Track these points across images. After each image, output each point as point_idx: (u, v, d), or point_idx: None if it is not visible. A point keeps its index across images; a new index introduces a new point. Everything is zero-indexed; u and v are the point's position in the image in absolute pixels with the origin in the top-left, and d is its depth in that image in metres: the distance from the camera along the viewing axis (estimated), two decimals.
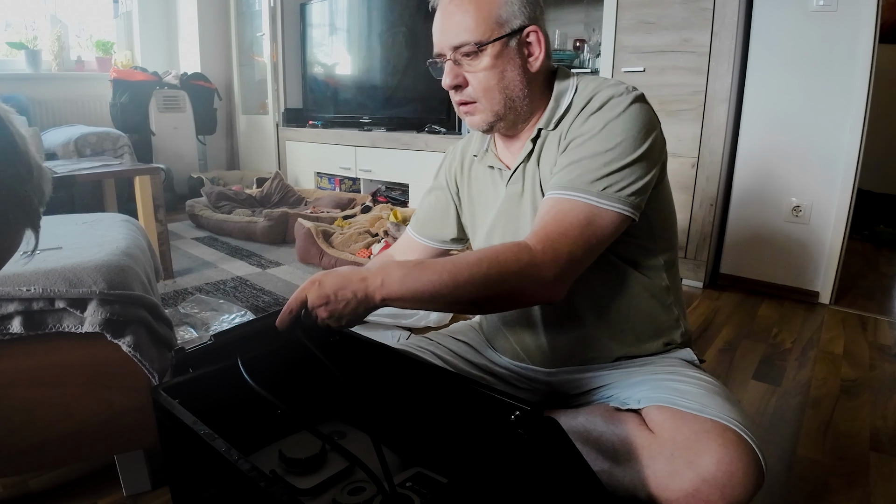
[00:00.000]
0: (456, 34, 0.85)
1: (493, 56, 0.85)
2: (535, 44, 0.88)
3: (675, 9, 2.21)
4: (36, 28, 3.87)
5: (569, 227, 0.78)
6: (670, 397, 0.81)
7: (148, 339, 1.00)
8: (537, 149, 0.91)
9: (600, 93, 0.86)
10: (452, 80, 0.88)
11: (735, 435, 0.73)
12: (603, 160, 0.80)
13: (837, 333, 1.92)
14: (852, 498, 1.10)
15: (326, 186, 3.89)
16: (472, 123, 0.92)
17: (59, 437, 0.96)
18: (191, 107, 3.97)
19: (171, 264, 2.38)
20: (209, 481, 0.68)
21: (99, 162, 2.51)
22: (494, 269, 0.75)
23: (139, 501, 1.05)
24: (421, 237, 1.15)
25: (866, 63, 1.95)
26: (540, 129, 0.90)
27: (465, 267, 0.75)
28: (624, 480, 0.78)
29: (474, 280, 0.74)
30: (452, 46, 0.86)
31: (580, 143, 0.83)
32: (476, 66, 0.86)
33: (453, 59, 0.87)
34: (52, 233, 1.22)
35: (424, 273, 0.75)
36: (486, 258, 0.76)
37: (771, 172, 2.23)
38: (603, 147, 0.81)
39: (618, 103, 0.83)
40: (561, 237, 0.77)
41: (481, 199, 1.03)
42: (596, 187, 0.79)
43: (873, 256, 3.00)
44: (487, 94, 0.87)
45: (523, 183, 0.93)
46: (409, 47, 3.28)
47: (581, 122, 0.85)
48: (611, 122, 0.82)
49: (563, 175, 0.82)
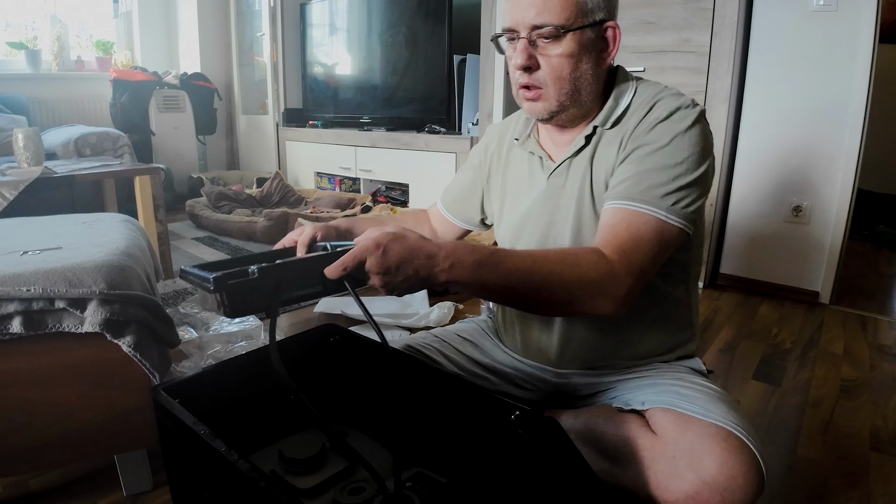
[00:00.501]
0: (539, 13, 0.81)
1: (572, 43, 0.82)
2: (611, 40, 0.86)
3: (675, 9, 2.21)
4: (36, 28, 3.87)
5: (641, 240, 0.77)
6: (675, 401, 0.81)
7: (148, 339, 1.00)
8: (591, 146, 0.90)
9: (664, 100, 0.85)
10: (526, 60, 0.83)
11: (738, 440, 0.73)
12: (672, 174, 0.80)
13: (837, 333, 1.92)
14: (852, 498, 1.10)
15: (326, 186, 3.89)
16: (533, 110, 0.88)
17: (59, 437, 0.96)
18: (191, 107, 3.97)
19: (171, 264, 2.38)
20: (209, 481, 0.68)
21: (99, 162, 2.51)
22: (573, 273, 0.72)
23: (139, 501, 1.05)
24: (449, 213, 1.13)
25: (866, 63, 1.95)
26: (596, 126, 0.89)
27: (544, 265, 0.72)
28: (624, 481, 0.78)
29: (550, 281, 0.72)
30: (532, 25, 0.82)
31: (647, 154, 0.82)
32: (553, 50, 0.83)
33: (528, 39, 0.83)
34: (52, 233, 1.22)
35: (500, 266, 0.71)
36: (565, 260, 0.73)
37: (771, 172, 2.23)
38: (672, 160, 0.80)
39: (684, 116, 0.82)
40: (635, 251, 0.76)
41: (514, 184, 1.01)
42: (666, 202, 0.79)
43: (873, 256, 3.00)
44: (558, 81, 0.84)
45: (567, 178, 0.92)
46: (409, 47, 3.27)
47: (646, 129, 0.84)
48: (678, 136, 0.81)
49: (631, 185, 0.81)
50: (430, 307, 1.95)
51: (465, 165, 1.13)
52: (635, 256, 0.76)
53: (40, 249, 1.05)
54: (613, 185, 0.84)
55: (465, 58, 3.05)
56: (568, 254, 0.75)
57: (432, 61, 3.15)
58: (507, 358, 1.04)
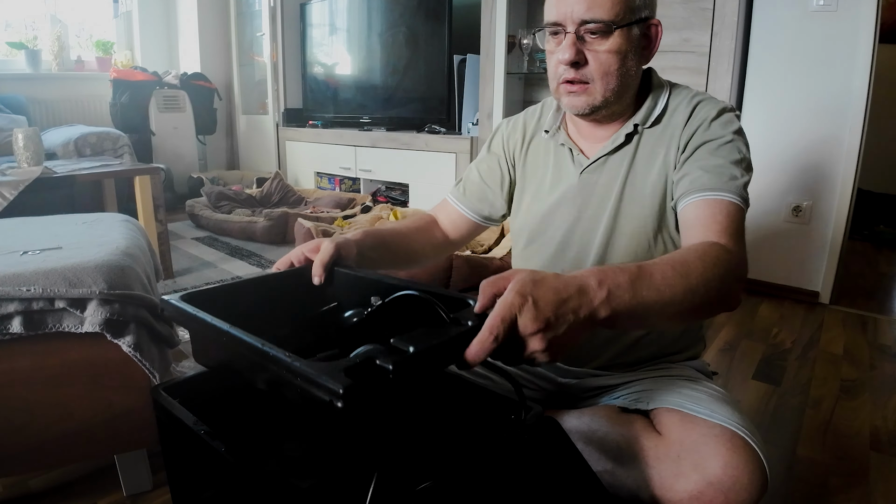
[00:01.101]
0: (588, 8, 0.80)
1: (620, 40, 0.82)
2: (654, 38, 0.87)
3: (675, 9, 2.21)
4: (36, 28, 3.87)
5: (739, 224, 0.79)
6: (680, 401, 0.81)
7: (148, 339, 1.00)
8: (632, 145, 0.90)
9: (705, 102, 0.88)
10: (574, 55, 0.82)
11: (742, 441, 0.73)
12: (740, 169, 0.83)
13: (837, 333, 1.92)
14: (852, 498, 1.10)
15: (326, 186, 3.89)
16: (574, 104, 0.87)
17: (59, 437, 0.96)
18: (191, 107, 3.97)
19: (171, 264, 2.38)
20: (209, 481, 0.68)
21: (99, 162, 2.51)
22: (719, 268, 0.68)
23: (139, 501, 1.05)
24: (466, 209, 1.08)
25: (866, 63, 1.95)
26: (636, 124, 0.89)
27: (695, 265, 0.67)
28: (627, 481, 0.78)
29: (706, 281, 0.66)
30: (580, 20, 0.81)
31: (716, 147, 0.84)
32: (601, 46, 0.82)
33: (576, 34, 0.82)
34: (52, 233, 1.22)
35: (652, 279, 0.63)
36: (707, 256, 0.69)
37: (771, 172, 2.22)
38: (737, 156, 0.83)
39: (732, 120, 0.86)
40: (740, 234, 0.78)
41: (537, 176, 1.00)
42: (742, 192, 0.81)
43: (873, 256, 3.00)
44: (605, 77, 0.84)
45: (601, 174, 0.91)
46: (409, 47, 3.27)
47: (704, 127, 0.85)
48: (735, 137, 0.85)
49: (714, 177, 0.82)
50: None
51: (481, 158, 1.09)
52: (742, 240, 0.78)
53: (40, 249, 1.05)
54: (692, 179, 0.83)
55: (465, 58, 3.05)
56: (703, 252, 0.71)
57: (432, 61, 3.15)
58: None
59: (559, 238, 0.95)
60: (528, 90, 2.99)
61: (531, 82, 2.97)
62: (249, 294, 0.75)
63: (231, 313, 0.63)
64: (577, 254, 0.94)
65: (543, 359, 0.57)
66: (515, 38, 2.78)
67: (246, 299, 0.74)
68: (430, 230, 1.09)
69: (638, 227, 0.89)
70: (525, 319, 0.55)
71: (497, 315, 0.55)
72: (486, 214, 1.08)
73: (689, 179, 0.83)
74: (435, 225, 1.10)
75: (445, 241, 1.09)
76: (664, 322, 0.68)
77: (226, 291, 0.73)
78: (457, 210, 1.09)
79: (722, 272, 0.68)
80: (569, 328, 0.57)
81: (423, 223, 1.08)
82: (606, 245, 0.91)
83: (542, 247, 0.98)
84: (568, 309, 0.57)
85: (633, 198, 0.89)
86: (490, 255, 2.38)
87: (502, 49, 2.76)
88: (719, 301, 0.70)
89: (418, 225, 1.07)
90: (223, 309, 0.63)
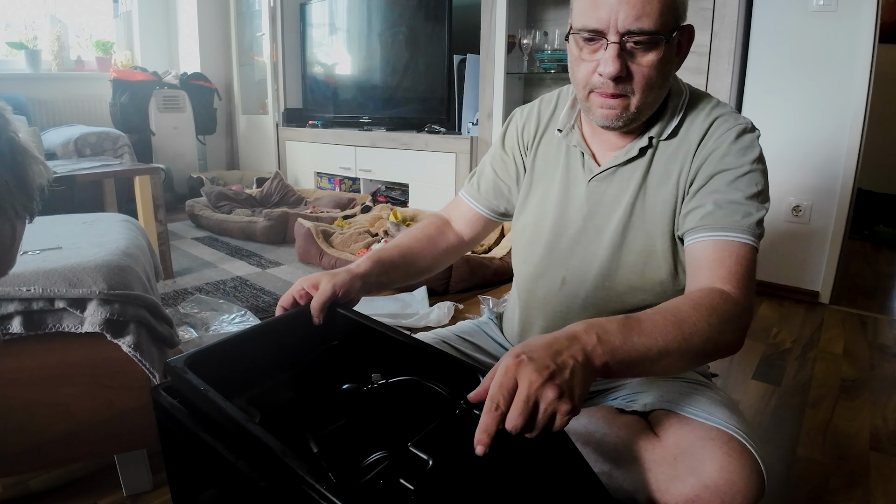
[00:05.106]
0: (637, 17, 0.72)
1: (666, 51, 0.76)
2: (686, 44, 0.82)
3: None
4: (36, 28, 3.87)
5: (749, 269, 0.76)
6: (678, 403, 0.81)
7: (148, 339, 1.00)
8: (646, 158, 0.86)
9: (723, 118, 0.83)
10: (621, 68, 0.75)
11: (739, 444, 0.73)
12: (755, 205, 0.79)
13: (837, 333, 1.92)
14: (852, 498, 1.10)
15: (326, 186, 3.89)
16: (606, 115, 0.80)
17: (59, 437, 0.96)
18: (191, 107, 3.97)
19: (171, 264, 2.38)
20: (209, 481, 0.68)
21: (99, 162, 2.51)
22: (714, 317, 0.68)
23: (139, 501, 1.05)
24: (481, 206, 1.05)
25: (866, 63, 1.96)
26: (652, 137, 0.84)
27: (688, 314, 0.67)
28: (624, 483, 0.78)
29: (699, 330, 0.67)
30: (626, 30, 0.73)
31: (731, 181, 0.80)
32: (645, 58, 0.76)
33: (620, 44, 0.74)
34: (52, 233, 1.22)
35: (643, 325, 0.65)
36: (702, 305, 0.69)
37: (771, 172, 2.20)
38: (753, 190, 0.80)
39: (752, 144, 0.81)
40: (748, 280, 0.75)
41: (545, 173, 0.96)
42: (756, 231, 0.79)
43: (873, 256, 3.00)
44: (646, 91, 0.78)
45: (610, 185, 0.88)
46: (409, 47, 3.28)
47: (720, 154, 0.81)
48: (754, 168, 0.80)
49: (726, 215, 0.78)
50: (430, 307, 1.95)
51: (494, 153, 1.04)
52: (750, 286, 0.75)
53: (40, 249, 1.05)
54: (703, 214, 0.80)
55: (465, 58, 3.05)
56: (694, 299, 0.71)
57: (432, 61, 3.15)
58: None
59: (561, 244, 0.93)
60: (528, 90, 3.00)
61: (531, 82, 2.97)
62: (253, 344, 0.77)
63: (237, 367, 0.71)
64: (580, 263, 0.91)
65: (564, 409, 0.56)
66: (515, 38, 2.78)
67: (250, 351, 0.76)
68: (442, 235, 1.05)
69: (648, 245, 0.86)
70: (527, 375, 0.55)
71: (495, 384, 0.55)
72: (502, 211, 1.04)
73: (701, 214, 0.80)
74: (447, 227, 1.07)
75: (459, 243, 1.06)
76: (662, 369, 0.69)
77: (231, 345, 0.75)
78: (471, 208, 1.06)
79: (717, 321, 0.68)
80: (573, 373, 0.58)
81: (434, 229, 1.05)
82: (611, 259, 0.88)
83: (542, 248, 0.97)
84: (566, 356, 0.59)
85: (643, 213, 0.86)
86: (490, 255, 2.38)
87: (502, 49, 2.76)
88: (716, 349, 0.71)
89: (429, 233, 1.03)
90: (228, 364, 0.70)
